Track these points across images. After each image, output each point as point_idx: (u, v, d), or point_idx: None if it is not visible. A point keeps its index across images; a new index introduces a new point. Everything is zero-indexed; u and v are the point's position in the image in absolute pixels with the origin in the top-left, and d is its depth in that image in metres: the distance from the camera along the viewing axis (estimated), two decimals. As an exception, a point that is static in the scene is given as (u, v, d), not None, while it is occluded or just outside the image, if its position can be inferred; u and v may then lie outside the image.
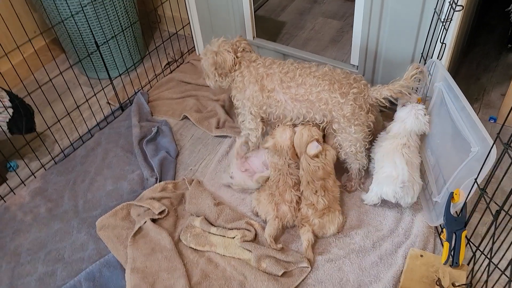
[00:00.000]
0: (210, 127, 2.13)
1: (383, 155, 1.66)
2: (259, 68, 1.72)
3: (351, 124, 1.62)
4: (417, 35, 1.78)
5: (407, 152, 1.62)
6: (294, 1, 3.03)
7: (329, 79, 1.63)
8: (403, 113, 1.67)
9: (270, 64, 1.73)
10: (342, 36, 2.65)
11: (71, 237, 1.73)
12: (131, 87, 2.39)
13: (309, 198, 1.63)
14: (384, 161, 1.64)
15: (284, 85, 1.67)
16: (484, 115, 2.09)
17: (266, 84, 1.69)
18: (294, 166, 1.72)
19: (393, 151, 1.63)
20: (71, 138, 2.14)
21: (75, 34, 2.25)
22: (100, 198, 1.86)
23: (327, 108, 1.63)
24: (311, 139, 1.67)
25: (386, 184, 1.61)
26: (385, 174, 1.61)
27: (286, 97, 1.67)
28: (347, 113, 1.60)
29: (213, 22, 2.37)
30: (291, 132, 1.70)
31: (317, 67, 1.70)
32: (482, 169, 1.29)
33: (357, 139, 1.66)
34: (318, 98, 1.63)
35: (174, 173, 1.95)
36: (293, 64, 1.72)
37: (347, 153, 1.70)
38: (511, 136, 1.09)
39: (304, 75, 1.66)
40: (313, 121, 1.69)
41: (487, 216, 1.33)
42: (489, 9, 2.67)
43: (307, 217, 1.62)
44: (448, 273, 1.39)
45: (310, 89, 1.63)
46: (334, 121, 1.65)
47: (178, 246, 1.65)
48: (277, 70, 1.69)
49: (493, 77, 2.29)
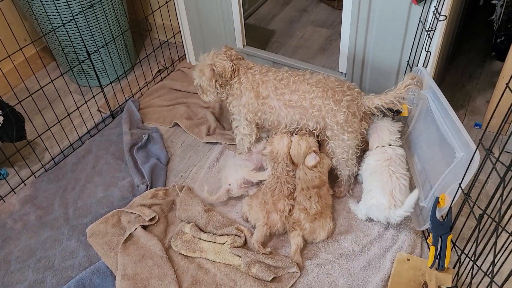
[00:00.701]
0: (201, 134, 2.15)
1: (371, 174, 1.67)
2: (255, 75, 1.75)
3: (345, 131, 1.64)
4: (403, 44, 1.82)
5: (394, 170, 1.62)
6: (283, 10, 3.07)
7: (322, 86, 1.64)
8: (371, 128, 1.74)
9: (266, 71, 1.75)
10: (331, 44, 2.69)
11: (61, 245, 1.73)
12: (122, 94, 2.40)
13: (303, 203, 1.65)
14: (373, 183, 1.64)
15: (278, 92, 1.69)
16: (470, 122, 2.14)
17: (261, 91, 1.71)
18: (292, 174, 1.73)
19: (381, 170, 1.63)
20: (61, 146, 2.15)
21: (66, 43, 2.26)
22: (90, 205, 1.87)
23: (320, 114, 1.64)
24: (309, 151, 1.69)
25: (376, 211, 1.63)
26: (374, 199, 1.62)
27: (280, 103, 1.69)
28: (340, 120, 1.62)
29: (203, 30, 2.39)
30: (289, 140, 1.72)
31: (311, 74, 1.72)
32: (466, 174, 1.33)
33: (350, 146, 1.68)
34: (311, 104, 1.64)
35: (164, 180, 1.96)
36: (287, 71, 1.74)
37: (338, 159, 1.73)
38: (492, 142, 1.12)
39: (298, 82, 1.68)
40: (306, 128, 1.71)
41: (471, 220, 1.36)
42: (473, 18, 2.73)
43: (299, 221, 1.64)
44: (435, 276, 1.41)
45: (303, 95, 1.65)
46: (327, 128, 1.67)
47: (169, 252, 1.66)
48: (272, 77, 1.72)
49: (478, 84, 2.34)
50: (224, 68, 1.74)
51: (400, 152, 1.69)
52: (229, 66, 1.75)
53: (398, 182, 1.59)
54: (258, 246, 1.59)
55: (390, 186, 1.59)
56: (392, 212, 1.56)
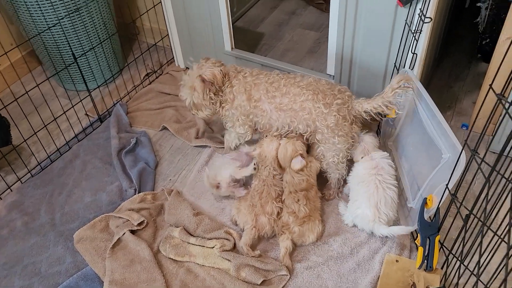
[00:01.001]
0: (190, 137, 2.14)
1: (358, 183, 1.67)
2: (246, 77, 1.74)
3: (335, 135, 1.64)
4: (390, 46, 1.83)
5: (381, 180, 1.61)
6: (272, 13, 3.08)
7: (313, 89, 1.64)
8: None
9: (257, 74, 1.75)
10: (319, 46, 2.70)
11: (48, 251, 1.71)
12: (110, 98, 2.39)
13: (291, 206, 1.65)
14: (359, 193, 1.64)
15: (269, 95, 1.68)
16: (457, 123, 2.16)
17: (253, 94, 1.71)
18: (279, 177, 1.73)
19: (368, 179, 1.63)
20: (48, 151, 2.12)
21: (52, 47, 2.24)
22: (78, 211, 1.85)
23: (311, 117, 1.64)
24: (295, 154, 1.69)
25: (361, 221, 1.64)
26: (360, 210, 1.62)
27: (271, 106, 1.69)
28: (330, 123, 1.62)
29: (191, 33, 2.39)
30: (278, 143, 1.72)
31: (302, 77, 1.71)
32: (453, 175, 1.33)
33: (340, 150, 1.68)
34: (301, 107, 1.64)
35: (153, 184, 1.95)
36: (278, 74, 1.74)
37: (329, 163, 1.72)
38: (477, 143, 1.13)
39: (289, 85, 1.67)
40: (297, 131, 1.71)
41: (459, 221, 1.37)
42: (459, 20, 2.76)
43: (287, 224, 1.64)
44: (423, 277, 1.42)
45: (294, 98, 1.65)
46: (317, 131, 1.66)
47: (157, 257, 1.65)
48: (263, 80, 1.71)
49: (465, 86, 2.36)
50: (214, 74, 1.71)
51: (386, 154, 1.70)
52: (219, 71, 1.72)
53: (384, 194, 1.59)
54: (246, 249, 1.58)
55: (376, 198, 1.59)
56: (376, 227, 1.58)
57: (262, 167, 1.73)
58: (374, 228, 1.59)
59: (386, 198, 1.59)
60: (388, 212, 1.59)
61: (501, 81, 1.14)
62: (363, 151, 1.72)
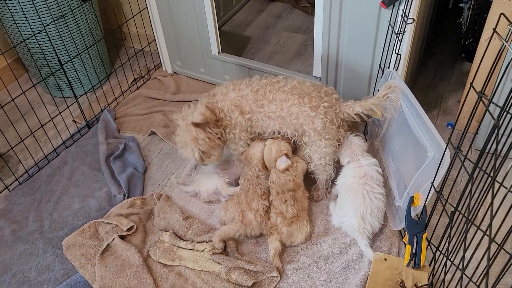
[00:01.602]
0: (178, 142, 2.14)
1: (346, 191, 1.68)
2: (229, 94, 1.68)
3: (322, 138, 1.64)
4: (374, 47, 1.85)
5: (369, 190, 1.62)
6: (259, 17, 3.10)
7: (298, 92, 1.62)
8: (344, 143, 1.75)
9: (236, 85, 1.70)
10: (306, 49, 2.72)
11: (37, 259, 1.70)
12: (98, 104, 2.38)
13: (278, 207, 1.66)
14: (347, 202, 1.66)
15: (258, 104, 1.65)
16: (443, 122, 2.19)
17: (244, 107, 1.66)
18: (263, 177, 1.74)
19: (356, 189, 1.64)
20: (35, 158, 2.11)
21: (37, 53, 2.23)
22: (66, 218, 1.84)
23: (298, 122, 1.63)
24: (280, 154, 1.70)
25: (346, 229, 1.67)
26: (346, 218, 1.64)
27: (261, 115, 1.67)
28: (318, 126, 1.61)
29: (178, 38, 2.39)
30: (262, 145, 1.73)
31: (285, 80, 1.69)
32: (438, 173, 1.35)
33: (327, 153, 1.69)
34: (289, 113, 1.63)
35: (142, 189, 1.95)
36: (261, 80, 1.70)
37: (316, 165, 1.73)
38: (460, 140, 1.15)
39: (274, 90, 1.65)
40: (285, 135, 1.71)
41: (445, 218, 1.39)
42: (443, 21, 2.80)
43: (275, 225, 1.64)
44: (411, 275, 1.43)
45: (280, 104, 1.63)
46: (305, 134, 1.66)
47: (147, 262, 1.64)
48: (248, 91, 1.67)
49: (449, 85, 2.39)
50: (201, 112, 1.59)
51: (374, 161, 1.71)
52: (203, 107, 1.62)
53: (371, 204, 1.61)
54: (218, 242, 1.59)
55: (362, 208, 1.61)
56: (360, 238, 1.61)
57: (247, 168, 1.74)
58: (358, 238, 1.62)
59: (373, 208, 1.61)
60: (373, 222, 1.61)
61: (483, 79, 1.16)
62: (351, 155, 1.72)
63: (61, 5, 2.13)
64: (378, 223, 1.63)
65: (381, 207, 1.64)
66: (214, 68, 2.42)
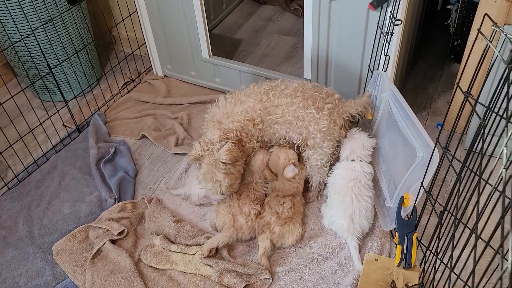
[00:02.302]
0: (169, 145, 2.13)
1: (335, 193, 1.68)
2: (234, 109, 1.64)
3: (325, 139, 1.64)
4: (364, 49, 1.86)
5: (357, 193, 1.63)
6: (249, 20, 3.10)
7: (301, 95, 1.62)
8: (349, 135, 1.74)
9: (234, 98, 1.67)
10: (297, 51, 2.73)
11: (27, 264, 1.68)
12: (88, 108, 2.37)
13: (275, 208, 1.66)
14: (336, 203, 1.66)
15: (266, 112, 1.63)
16: (432, 122, 2.20)
17: (255, 118, 1.63)
18: (261, 184, 1.74)
19: (345, 191, 1.64)
20: (25, 163, 2.09)
21: (26, 58, 2.22)
22: (56, 223, 1.82)
23: (304, 124, 1.62)
24: (288, 162, 1.71)
25: (336, 229, 1.69)
26: (335, 218, 1.65)
27: (268, 122, 1.65)
28: (323, 128, 1.61)
29: (168, 41, 2.39)
30: (264, 154, 1.73)
31: (285, 83, 1.68)
32: (427, 173, 1.36)
33: (326, 154, 1.69)
34: (294, 116, 1.62)
35: (133, 193, 1.94)
36: (260, 87, 1.68)
37: (312, 165, 1.73)
38: (448, 141, 1.16)
39: (277, 95, 1.63)
40: (291, 140, 1.69)
41: (435, 217, 1.39)
42: (432, 23, 2.83)
43: (269, 223, 1.64)
44: (402, 275, 1.44)
45: (286, 108, 1.61)
46: (310, 137, 1.65)
47: (139, 266, 1.64)
48: (252, 100, 1.63)
49: (439, 86, 2.41)
50: (231, 150, 1.54)
51: (368, 170, 1.70)
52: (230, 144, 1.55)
53: (359, 206, 1.62)
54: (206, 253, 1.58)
55: (351, 209, 1.62)
56: (349, 238, 1.62)
57: (246, 174, 1.74)
58: (348, 239, 1.63)
59: (361, 210, 1.62)
60: (362, 222, 1.63)
61: (469, 80, 1.17)
62: (350, 153, 1.71)
63: (49, 9, 2.12)
64: (367, 222, 1.64)
65: (369, 208, 1.65)
66: (205, 71, 2.42)
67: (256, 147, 1.70)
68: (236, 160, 1.58)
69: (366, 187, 1.67)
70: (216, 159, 1.54)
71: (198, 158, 1.58)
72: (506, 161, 0.71)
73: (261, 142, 1.71)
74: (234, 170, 1.59)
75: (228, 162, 1.54)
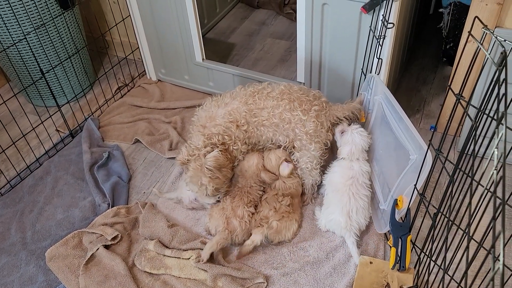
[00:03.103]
0: (163, 149, 2.13)
1: (332, 191, 1.69)
2: (217, 112, 1.65)
3: (312, 142, 1.64)
4: (357, 52, 1.87)
5: (354, 192, 1.63)
6: (243, 24, 3.11)
7: (288, 97, 1.63)
8: (347, 136, 1.71)
9: (218, 101, 1.67)
10: (290, 55, 2.73)
11: (19, 271, 1.67)
12: (81, 113, 2.36)
13: (272, 204, 1.67)
14: (333, 201, 1.67)
15: (251, 114, 1.64)
16: (426, 125, 2.21)
17: (238, 119, 1.64)
18: (256, 188, 1.74)
19: (343, 189, 1.64)
20: (18, 169, 2.08)
21: (19, 62, 2.21)
22: (49, 228, 1.81)
23: (290, 126, 1.63)
24: (280, 161, 1.71)
25: (333, 226, 1.68)
26: (333, 216, 1.65)
27: (254, 124, 1.66)
28: (310, 130, 1.62)
29: (162, 46, 2.39)
30: (257, 158, 1.73)
31: (272, 86, 1.69)
32: (420, 175, 1.37)
33: (315, 157, 1.69)
34: (281, 118, 1.63)
35: (127, 198, 1.93)
36: (246, 89, 1.69)
37: (302, 169, 1.74)
38: (440, 143, 1.17)
39: (263, 98, 1.64)
40: (278, 143, 1.70)
41: (428, 219, 1.39)
42: (425, 26, 2.84)
43: (266, 217, 1.64)
44: (397, 277, 1.44)
45: (272, 111, 1.63)
46: (296, 139, 1.66)
47: (133, 271, 1.62)
48: (237, 102, 1.65)
49: (432, 89, 2.42)
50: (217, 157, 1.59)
51: (366, 168, 1.70)
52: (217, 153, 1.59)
53: (356, 204, 1.63)
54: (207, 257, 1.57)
55: (348, 207, 1.62)
56: (347, 235, 1.63)
57: (241, 178, 1.75)
58: (346, 235, 1.64)
59: (358, 208, 1.63)
60: (359, 219, 1.63)
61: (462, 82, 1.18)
62: (349, 154, 1.70)
63: (42, 13, 2.11)
64: (364, 220, 1.65)
65: (366, 207, 1.66)
66: (199, 75, 2.42)
67: (243, 150, 1.70)
68: (221, 167, 1.62)
69: (364, 186, 1.67)
70: (202, 164, 1.59)
71: (185, 163, 1.63)
72: (497, 162, 0.71)
73: (249, 145, 1.71)
74: (220, 175, 1.63)
75: (213, 168, 1.59)
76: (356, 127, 1.72)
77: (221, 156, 1.61)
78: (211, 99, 1.72)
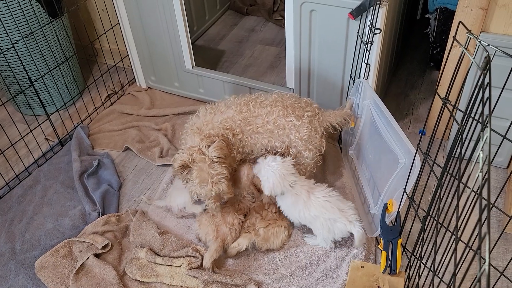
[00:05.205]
0: (153, 156, 2.12)
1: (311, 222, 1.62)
2: (214, 118, 1.65)
3: (306, 148, 1.65)
4: (345, 57, 1.89)
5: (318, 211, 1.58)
6: (232, 31, 3.12)
7: (281, 104, 1.65)
8: (262, 173, 1.60)
9: (214, 109, 1.68)
10: (280, 61, 2.75)
11: (8, 281, 1.64)
12: (71, 121, 2.35)
13: (259, 212, 1.67)
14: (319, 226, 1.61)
15: (245, 122, 1.65)
16: (415, 129, 2.23)
17: (234, 128, 1.64)
18: (248, 199, 1.74)
19: (309, 218, 1.60)
20: (6, 178, 2.06)
21: (7, 71, 2.19)
22: (39, 238, 1.79)
23: (285, 133, 1.64)
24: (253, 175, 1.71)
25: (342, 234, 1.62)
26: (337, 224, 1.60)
27: (249, 133, 1.66)
28: (304, 135, 1.63)
29: (151, 53, 2.39)
30: (248, 170, 1.72)
31: (265, 95, 1.71)
32: (409, 179, 1.38)
33: (308, 164, 1.70)
34: (275, 125, 1.64)
35: (117, 206, 1.92)
36: (240, 98, 1.70)
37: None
38: (428, 147, 1.18)
39: (257, 106, 1.66)
40: (274, 150, 1.70)
41: (418, 223, 1.41)
42: (412, 31, 2.88)
43: (253, 225, 1.64)
44: (388, 281, 1.44)
45: (266, 118, 1.64)
46: (292, 145, 1.67)
47: (124, 279, 1.61)
48: (232, 112, 1.65)
49: (420, 93, 2.45)
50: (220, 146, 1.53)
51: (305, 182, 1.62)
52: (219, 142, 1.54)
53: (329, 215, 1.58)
54: (209, 266, 1.57)
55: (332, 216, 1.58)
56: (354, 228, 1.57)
57: (234, 188, 1.74)
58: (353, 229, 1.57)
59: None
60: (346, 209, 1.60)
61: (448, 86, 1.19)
62: (272, 189, 1.58)
63: (30, 22, 2.10)
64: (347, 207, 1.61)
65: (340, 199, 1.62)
66: (189, 82, 2.42)
67: (238, 159, 1.70)
68: (226, 156, 1.55)
69: (320, 194, 1.59)
70: (207, 156, 1.51)
71: (188, 164, 1.54)
72: (482, 165, 0.72)
73: (243, 154, 1.71)
74: (227, 163, 1.56)
75: (221, 156, 1.52)
76: (268, 160, 1.59)
77: (224, 145, 1.54)
78: (205, 108, 1.71)
